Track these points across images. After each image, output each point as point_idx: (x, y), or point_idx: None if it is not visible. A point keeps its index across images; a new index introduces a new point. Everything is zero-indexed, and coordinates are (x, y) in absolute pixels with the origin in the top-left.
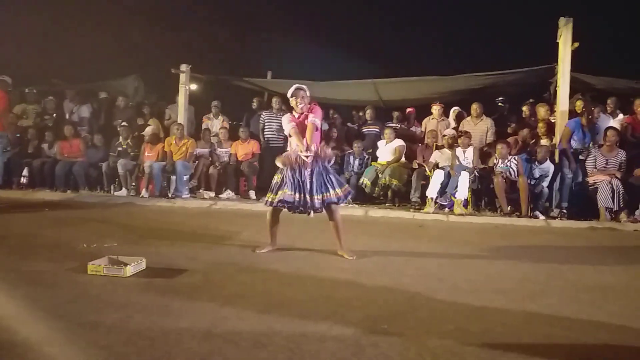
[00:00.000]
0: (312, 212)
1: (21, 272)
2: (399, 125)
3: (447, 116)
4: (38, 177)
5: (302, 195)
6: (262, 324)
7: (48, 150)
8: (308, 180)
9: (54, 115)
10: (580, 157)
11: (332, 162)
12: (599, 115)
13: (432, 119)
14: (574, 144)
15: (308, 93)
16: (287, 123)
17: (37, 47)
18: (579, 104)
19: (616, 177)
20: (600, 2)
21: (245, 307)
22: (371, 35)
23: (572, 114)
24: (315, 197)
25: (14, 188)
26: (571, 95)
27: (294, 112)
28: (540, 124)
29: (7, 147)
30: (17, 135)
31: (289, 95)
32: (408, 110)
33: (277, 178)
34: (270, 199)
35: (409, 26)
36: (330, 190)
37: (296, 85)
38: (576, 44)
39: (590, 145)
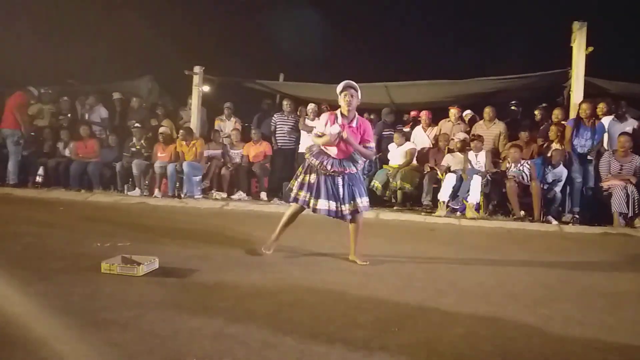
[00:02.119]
0: (346, 219)
1: (35, 270)
2: (404, 129)
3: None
4: (53, 176)
5: (337, 204)
6: (273, 324)
7: (63, 149)
8: (341, 190)
9: (69, 115)
10: (589, 157)
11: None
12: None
13: (448, 121)
14: (575, 141)
15: (360, 94)
16: (333, 127)
17: (52, 47)
18: (584, 107)
19: (631, 183)
20: (614, 6)
21: (256, 308)
22: (384, 38)
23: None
24: (347, 206)
25: (29, 187)
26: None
27: (338, 113)
28: (553, 128)
29: (19, 140)
30: (32, 134)
31: (338, 90)
32: (412, 113)
33: (305, 177)
34: (298, 197)
35: (421, 30)
36: (358, 198)
37: (347, 81)
38: (590, 48)
39: (604, 146)
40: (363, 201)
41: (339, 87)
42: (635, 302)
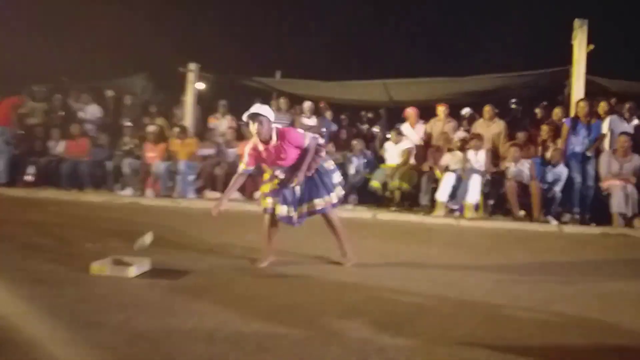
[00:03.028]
0: (301, 222)
1: (25, 271)
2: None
3: (455, 117)
4: (44, 175)
5: (293, 208)
6: (267, 327)
7: (54, 148)
8: (298, 191)
9: (61, 113)
10: (587, 154)
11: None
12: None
13: (438, 120)
14: (573, 140)
15: (272, 117)
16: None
17: (45, 44)
18: (582, 105)
19: (630, 183)
20: (616, 4)
21: (250, 310)
22: (383, 35)
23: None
24: (306, 205)
25: (19, 186)
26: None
27: (258, 142)
28: (544, 128)
29: (9, 140)
30: (21, 132)
31: (245, 118)
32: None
33: (273, 183)
34: (267, 206)
35: (420, 27)
36: (324, 197)
37: (252, 109)
38: (591, 46)
39: (603, 145)
40: (317, 203)
41: (244, 117)
42: (635, 303)
